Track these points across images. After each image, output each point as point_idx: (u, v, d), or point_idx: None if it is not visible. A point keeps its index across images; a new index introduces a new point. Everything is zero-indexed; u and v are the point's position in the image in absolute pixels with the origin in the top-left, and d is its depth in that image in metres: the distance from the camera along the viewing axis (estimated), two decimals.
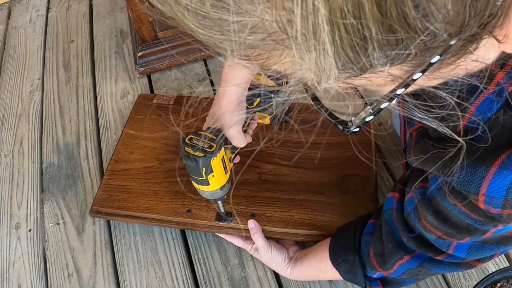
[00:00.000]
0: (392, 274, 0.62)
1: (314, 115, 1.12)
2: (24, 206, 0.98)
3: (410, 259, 0.58)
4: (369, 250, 0.64)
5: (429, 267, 0.57)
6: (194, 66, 1.23)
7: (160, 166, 0.93)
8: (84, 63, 1.28)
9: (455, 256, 0.53)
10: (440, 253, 0.54)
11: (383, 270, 0.63)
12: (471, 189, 0.40)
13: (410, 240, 0.56)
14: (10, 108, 1.19)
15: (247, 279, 0.83)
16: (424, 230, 0.53)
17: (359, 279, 0.68)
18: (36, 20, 1.45)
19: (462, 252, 0.52)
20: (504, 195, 0.39)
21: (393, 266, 0.60)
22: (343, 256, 0.69)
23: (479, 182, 0.40)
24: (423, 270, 0.58)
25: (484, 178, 0.39)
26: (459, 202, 0.45)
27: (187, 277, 0.84)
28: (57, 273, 0.87)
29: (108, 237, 0.91)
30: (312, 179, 0.88)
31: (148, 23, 1.13)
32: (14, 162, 1.06)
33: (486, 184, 0.39)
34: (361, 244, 0.67)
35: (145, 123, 1.02)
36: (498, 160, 0.38)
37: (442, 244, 0.53)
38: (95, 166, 1.03)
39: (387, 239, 0.60)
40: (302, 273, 0.76)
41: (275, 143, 0.95)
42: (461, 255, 0.52)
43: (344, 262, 0.69)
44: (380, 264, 0.62)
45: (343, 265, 0.69)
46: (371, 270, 0.65)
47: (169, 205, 0.86)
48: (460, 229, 0.48)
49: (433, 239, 0.53)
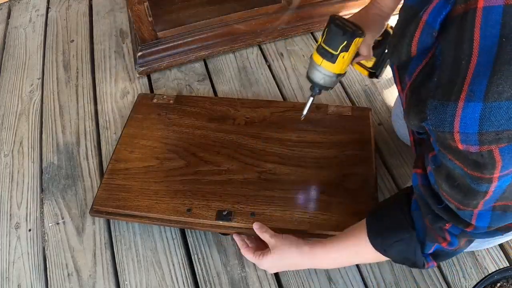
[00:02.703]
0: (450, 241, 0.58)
1: (314, 115, 1.14)
2: (24, 206, 0.98)
3: (453, 226, 0.56)
4: (425, 223, 0.61)
5: (471, 234, 0.55)
6: (194, 66, 1.23)
7: (160, 166, 0.93)
8: (84, 63, 1.28)
9: (480, 228, 0.52)
10: (468, 225, 0.53)
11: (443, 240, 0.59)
12: (445, 128, 0.40)
13: (441, 211, 0.55)
14: (10, 107, 1.19)
15: (247, 279, 0.83)
16: (446, 201, 0.52)
17: (417, 257, 0.63)
18: (36, 20, 1.45)
19: (485, 221, 0.51)
20: (477, 129, 0.38)
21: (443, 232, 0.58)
22: (396, 236, 0.64)
23: (451, 120, 0.39)
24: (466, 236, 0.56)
25: (455, 114, 0.39)
26: (449, 154, 0.45)
27: (187, 277, 0.84)
28: (57, 273, 0.87)
29: (108, 237, 0.91)
30: (312, 178, 0.88)
31: (148, 23, 1.13)
32: (14, 162, 1.06)
33: (458, 120, 0.39)
34: (414, 220, 0.62)
35: (145, 122, 1.02)
36: (463, 93, 0.38)
37: (464, 215, 0.52)
38: (95, 166, 1.02)
39: (426, 212, 0.58)
40: (327, 257, 0.72)
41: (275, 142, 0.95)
42: (484, 225, 0.51)
43: (398, 243, 0.64)
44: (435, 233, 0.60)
45: (397, 245, 0.64)
46: (430, 243, 0.61)
47: (169, 204, 0.86)
48: (466, 193, 0.47)
49: (455, 209, 0.52)
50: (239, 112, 1.02)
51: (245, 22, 1.22)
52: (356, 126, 0.97)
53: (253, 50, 1.25)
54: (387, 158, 0.98)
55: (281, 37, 1.25)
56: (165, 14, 1.23)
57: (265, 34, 1.23)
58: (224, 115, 1.02)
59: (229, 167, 0.92)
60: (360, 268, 0.83)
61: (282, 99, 1.12)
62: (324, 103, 1.05)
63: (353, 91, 1.12)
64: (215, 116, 1.02)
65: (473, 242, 0.63)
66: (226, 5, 1.23)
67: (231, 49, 1.23)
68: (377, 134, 1.01)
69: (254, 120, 1.00)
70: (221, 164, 0.92)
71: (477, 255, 0.83)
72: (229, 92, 1.15)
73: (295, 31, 1.25)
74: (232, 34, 1.22)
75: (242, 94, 1.14)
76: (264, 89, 1.15)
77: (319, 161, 0.91)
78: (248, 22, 1.22)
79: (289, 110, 1.01)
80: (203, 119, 1.01)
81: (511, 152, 0.40)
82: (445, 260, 0.69)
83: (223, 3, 1.24)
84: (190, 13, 1.23)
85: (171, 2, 1.26)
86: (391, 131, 1.02)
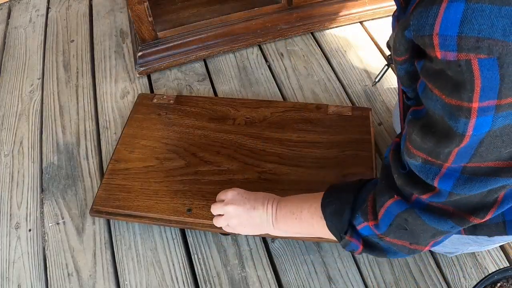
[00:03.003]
0: (379, 222, 0.58)
1: (314, 115, 1.13)
2: (24, 206, 0.98)
3: (400, 200, 0.55)
4: (368, 196, 0.61)
5: (418, 212, 0.54)
6: (194, 66, 1.23)
7: (160, 166, 0.93)
8: (84, 63, 1.28)
9: (442, 192, 0.50)
10: (427, 191, 0.51)
11: (373, 217, 0.59)
12: (425, 32, 0.39)
13: (401, 176, 0.54)
14: (10, 108, 1.19)
15: (247, 279, 0.83)
16: (408, 157, 0.51)
17: (343, 223, 0.63)
18: (36, 20, 1.45)
19: (448, 183, 0.48)
20: (457, 31, 0.37)
21: (381, 208, 0.57)
22: (337, 194, 0.65)
23: (432, 22, 0.39)
24: (412, 216, 0.54)
25: (437, 15, 0.38)
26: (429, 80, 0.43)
27: (187, 277, 0.84)
28: (57, 273, 0.87)
29: (108, 237, 0.91)
30: (312, 178, 0.88)
31: (148, 23, 1.13)
32: (14, 162, 1.06)
33: (439, 21, 0.38)
34: (362, 189, 0.63)
35: (145, 122, 1.02)
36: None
37: (428, 172, 0.50)
38: (95, 166, 1.02)
39: (381, 180, 0.58)
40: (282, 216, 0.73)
41: (275, 142, 0.95)
42: (447, 188, 0.49)
43: (335, 201, 0.64)
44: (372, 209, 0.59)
45: (333, 204, 0.64)
46: (359, 218, 0.61)
47: (170, 204, 0.86)
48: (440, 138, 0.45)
49: (419, 166, 0.50)
50: (239, 112, 1.02)
51: (245, 22, 1.22)
52: (356, 126, 0.97)
53: (253, 50, 1.25)
54: None
55: (281, 37, 1.25)
56: (165, 14, 1.23)
57: (265, 34, 1.23)
58: (224, 115, 1.02)
59: (229, 167, 0.92)
60: (360, 268, 0.83)
61: (282, 99, 1.12)
62: (324, 103, 1.05)
63: (353, 91, 1.12)
64: (215, 116, 1.02)
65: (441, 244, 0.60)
66: (226, 5, 1.23)
67: (231, 49, 1.23)
68: (377, 134, 1.01)
69: (254, 120, 1.00)
70: (221, 164, 0.92)
71: (477, 255, 0.83)
72: (229, 92, 1.15)
73: (295, 31, 1.25)
74: (232, 34, 1.22)
75: (242, 94, 1.14)
76: (264, 89, 1.15)
77: (319, 161, 0.91)
78: (248, 22, 1.22)
79: (289, 110, 1.02)
80: (203, 119, 1.01)
81: (490, 70, 0.38)
82: (375, 255, 0.66)
83: (223, 3, 1.24)
84: (190, 13, 1.23)
85: (171, 2, 1.26)
86: (391, 131, 1.02)
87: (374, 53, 1.21)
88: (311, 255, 0.84)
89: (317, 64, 1.19)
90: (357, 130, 0.96)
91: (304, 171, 0.90)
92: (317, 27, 1.26)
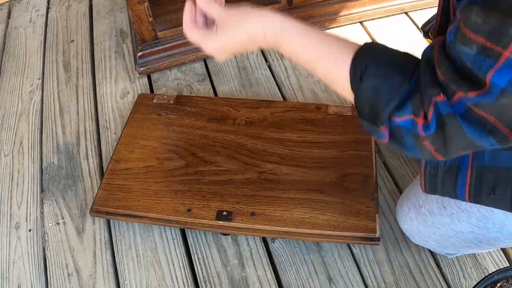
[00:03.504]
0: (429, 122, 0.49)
1: (314, 114, 1.13)
2: (24, 206, 0.98)
3: (444, 101, 0.48)
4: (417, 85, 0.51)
5: (460, 119, 0.47)
6: (194, 66, 1.23)
7: (160, 166, 0.93)
8: (84, 63, 1.28)
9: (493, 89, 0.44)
10: (475, 88, 0.46)
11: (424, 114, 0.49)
12: None
13: (448, 70, 0.47)
14: (10, 108, 1.19)
15: (247, 279, 0.83)
16: (463, 44, 0.45)
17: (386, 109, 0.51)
18: (36, 20, 1.45)
19: (504, 78, 0.43)
20: None
21: (430, 106, 0.49)
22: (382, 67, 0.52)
23: None
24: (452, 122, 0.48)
25: None
26: None
27: (187, 277, 0.84)
28: (57, 273, 0.87)
29: (108, 237, 0.91)
30: (312, 178, 0.88)
31: (148, 23, 1.13)
32: (14, 162, 1.06)
33: None
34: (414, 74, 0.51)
35: (145, 122, 1.02)
36: None
37: (483, 63, 0.44)
38: (95, 166, 1.02)
39: (425, 75, 0.50)
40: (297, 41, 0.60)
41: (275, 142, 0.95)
42: (500, 84, 0.43)
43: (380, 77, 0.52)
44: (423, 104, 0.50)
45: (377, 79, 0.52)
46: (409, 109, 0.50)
47: (170, 204, 0.86)
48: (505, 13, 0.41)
49: (473, 55, 0.44)
50: (239, 112, 1.02)
51: None
52: (357, 126, 0.97)
53: (253, 50, 1.25)
54: (387, 158, 0.98)
55: None
56: (165, 14, 1.23)
57: None
58: (224, 115, 1.02)
59: (229, 167, 0.92)
60: (360, 268, 0.83)
61: (282, 99, 1.12)
62: (324, 103, 1.05)
63: None
64: (215, 116, 1.02)
65: None
66: (226, 5, 1.23)
67: None
68: None
69: (254, 120, 1.00)
70: (221, 164, 0.92)
71: (477, 255, 0.83)
72: (229, 92, 1.15)
73: None
74: None
75: (242, 94, 1.14)
76: (264, 89, 1.15)
77: (319, 161, 0.91)
78: None
79: (289, 110, 1.01)
80: (203, 119, 1.01)
81: None
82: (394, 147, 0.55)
83: None
84: None
85: (171, 2, 1.26)
86: None
87: None
88: (311, 255, 0.84)
89: None
90: (357, 130, 0.96)
91: (304, 171, 0.90)
92: (317, 27, 1.26)
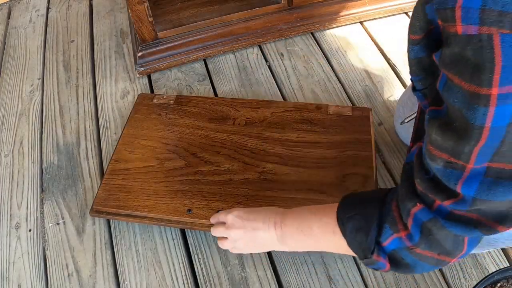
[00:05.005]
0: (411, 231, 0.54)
1: (314, 114, 1.13)
2: (24, 206, 0.98)
3: (424, 209, 0.52)
4: (391, 205, 0.57)
5: (442, 222, 0.51)
6: (194, 66, 1.23)
7: (160, 166, 0.93)
8: (84, 63, 1.28)
9: (465, 198, 0.47)
10: (450, 197, 0.49)
11: (403, 227, 0.55)
12: (448, 4, 0.38)
13: (423, 181, 0.51)
14: (10, 108, 1.19)
15: (247, 279, 0.83)
16: (430, 159, 0.49)
17: (369, 240, 0.57)
18: (36, 20, 1.45)
19: (472, 188, 0.46)
20: (480, 3, 0.36)
21: (408, 217, 0.54)
22: (357, 209, 0.59)
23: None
24: (436, 226, 0.52)
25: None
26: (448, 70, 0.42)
27: (187, 277, 0.84)
28: (57, 273, 0.87)
29: (108, 237, 0.91)
30: (312, 178, 0.88)
31: (148, 23, 1.13)
32: (14, 162, 1.06)
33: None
34: (385, 201, 0.58)
35: (145, 122, 1.02)
36: None
37: (450, 176, 0.47)
38: (95, 166, 1.02)
39: (402, 188, 0.55)
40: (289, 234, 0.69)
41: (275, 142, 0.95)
42: (470, 193, 0.46)
43: (356, 216, 0.58)
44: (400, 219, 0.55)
45: (353, 220, 0.59)
46: (388, 231, 0.56)
47: (170, 204, 0.86)
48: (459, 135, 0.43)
49: (441, 170, 0.48)
50: (239, 112, 1.02)
51: (245, 22, 1.22)
52: (357, 126, 0.97)
53: (253, 50, 1.25)
54: (387, 158, 0.98)
55: (281, 37, 1.25)
56: (165, 14, 1.24)
57: (265, 34, 1.23)
58: (224, 115, 1.02)
59: (229, 167, 0.92)
60: (360, 268, 0.83)
61: (282, 99, 1.12)
62: (324, 103, 1.05)
63: (353, 91, 1.12)
64: (215, 116, 1.02)
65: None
66: (226, 5, 1.23)
67: (231, 49, 1.23)
68: (378, 134, 1.01)
69: (254, 120, 1.00)
70: (221, 164, 0.92)
71: (477, 255, 0.83)
72: (229, 92, 1.15)
73: (295, 31, 1.25)
74: (232, 34, 1.22)
75: (242, 94, 1.14)
76: (264, 89, 1.15)
77: (319, 161, 0.91)
78: (248, 22, 1.22)
79: (289, 110, 1.02)
80: (203, 119, 1.01)
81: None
82: (402, 272, 0.61)
83: (223, 3, 1.24)
84: (190, 13, 1.23)
85: (171, 2, 1.26)
86: (392, 131, 1.02)
87: (374, 53, 1.21)
88: (311, 255, 0.84)
89: (317, 64, 1.19)
90: (357, 130, 0.96)
91: (304, 171, 0.90)
92: (317, 27, 1.26)
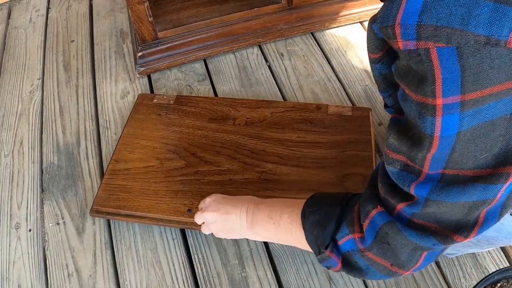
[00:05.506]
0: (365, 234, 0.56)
1: (314, 114, 1.13)
2: (24, 206, 0.98)
3: (383, 212, 0.54)
4: (354, 206, 0.59)
5: (399, 226, 0.52)
6: (194, 66, 1.23)
7: (160, 166, 0.93)
8: (84, 63, 1.28)
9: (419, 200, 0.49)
10: (404, 200, 0.51)
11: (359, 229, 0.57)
12: (389, 22, 0.40)
13: (384, 185, 0.53)
14: (10, 108, 1.19)
15: (247, 279, 0.83)
16: (387, 163, 0.50)
17: (325, 234, 0.59)
18: (36, 20, 1.45)
19: (424, 189, 0.47)
20: (417, 20, 0.38)
21: (366, 219, 0.55)
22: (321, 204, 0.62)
23: (395, 12, 0.40)
24: (393, 230, 0.53)
25: (400, 6, 0.39)
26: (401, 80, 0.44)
27: (187, 277, 0.84)
28: (57, 273, 0.87)
29: (108, 237, 0.91)
30: (312, 178, 0.88)
31: (148, 23, 1.13)
32: (14, 162, 1.06)
33: (401, 11, 0.39)
34: (349, 201, 0.60)
35: (145, 122, 1.02)
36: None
37: (405, 179, 0.49)
38: (95, 166, 1.02)
39: (366, 190, 0.57)
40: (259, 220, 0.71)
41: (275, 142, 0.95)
42: (423, 194, 0.48)
43: (318, 211, 0.61)
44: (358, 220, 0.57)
45: (316, 214, 0.61)
46: (345, 229, 0.58)
47: (170, 204, 0.86)
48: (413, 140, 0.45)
49: (396, 173, 0.50)
50: (239, 112, 1.02)
51: (245, 22, 1.22)
52: (357, 126, 0.97)
53: (253, 50, 1.25)
54: None
55: (281, 37, 1.25)
56: (165, 14, 1.24)
57: (265, 34, 1.23)
58: (224, 115, 1.02)
59: (229, 167, 0.92)
60: None
61: (282, 99, 1.12)
62: (324, 103, 1.05)
63: (353, 91, 1.12)
64: (215, 116, 1.02)
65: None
66: (226, 5, 1.23)
67: (231, 49, 1.23)
68: (378, 134, 1.01)
69: (254, 120, 1.00)
70: (221, 164, 0.92)
71: (477, 255, 0.83)
72: (229, 92, 1.15)
73: (295, 31, 1.25)
74: (232, 34, 1.22)
75: (242, 94, 1.14)
76: (264, 89, 1.15)
77: (319, 161, 0.91)
78: (248, 22, 1.22)
79: (289, 110, 1.02)
80: (203, 119, 1.01)
81: (449, 60, 0.38)
82: (353, 275, 0.62)
83: (223, 3, 1.24)
84: (190, 13, 1.23)
85: (171, 2, 1.26)
86: None
87: None
88: (311, 255, 0.84)
89: (317, 64, 1.19)
90: (357, 130, 0.96)
91: (304, 171, 0.90)
92: (317, 27, 1.26)
